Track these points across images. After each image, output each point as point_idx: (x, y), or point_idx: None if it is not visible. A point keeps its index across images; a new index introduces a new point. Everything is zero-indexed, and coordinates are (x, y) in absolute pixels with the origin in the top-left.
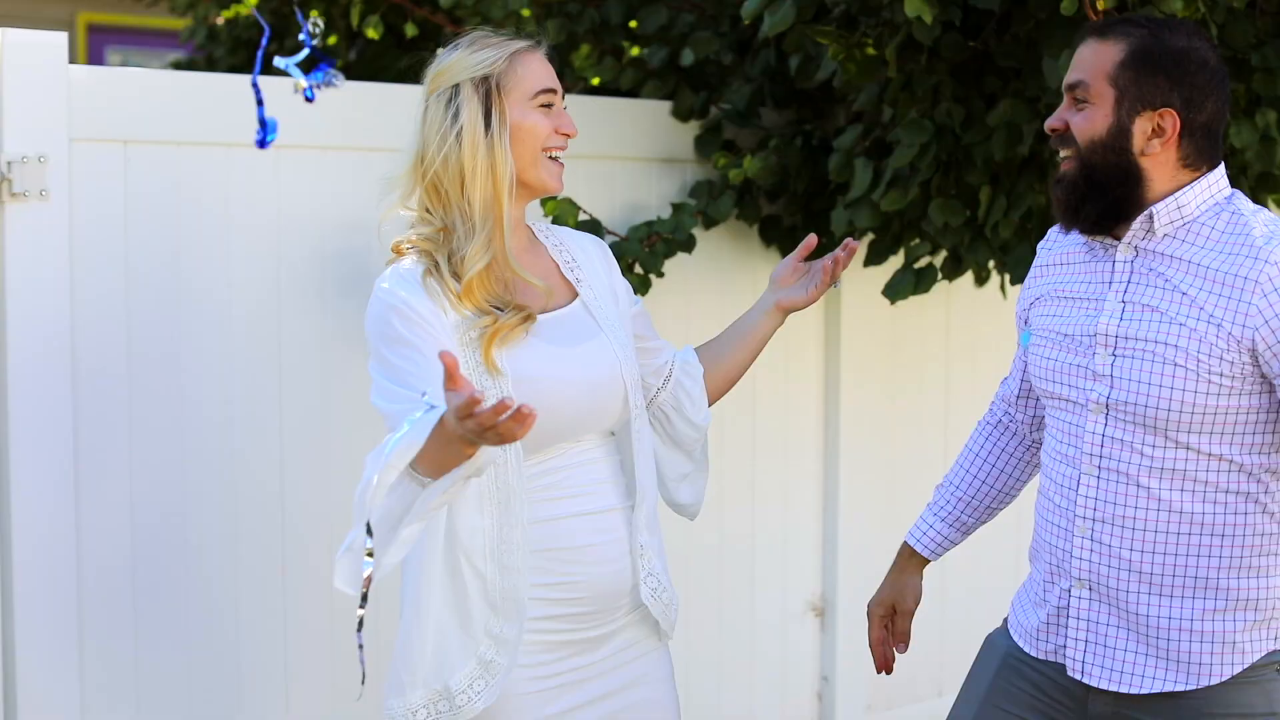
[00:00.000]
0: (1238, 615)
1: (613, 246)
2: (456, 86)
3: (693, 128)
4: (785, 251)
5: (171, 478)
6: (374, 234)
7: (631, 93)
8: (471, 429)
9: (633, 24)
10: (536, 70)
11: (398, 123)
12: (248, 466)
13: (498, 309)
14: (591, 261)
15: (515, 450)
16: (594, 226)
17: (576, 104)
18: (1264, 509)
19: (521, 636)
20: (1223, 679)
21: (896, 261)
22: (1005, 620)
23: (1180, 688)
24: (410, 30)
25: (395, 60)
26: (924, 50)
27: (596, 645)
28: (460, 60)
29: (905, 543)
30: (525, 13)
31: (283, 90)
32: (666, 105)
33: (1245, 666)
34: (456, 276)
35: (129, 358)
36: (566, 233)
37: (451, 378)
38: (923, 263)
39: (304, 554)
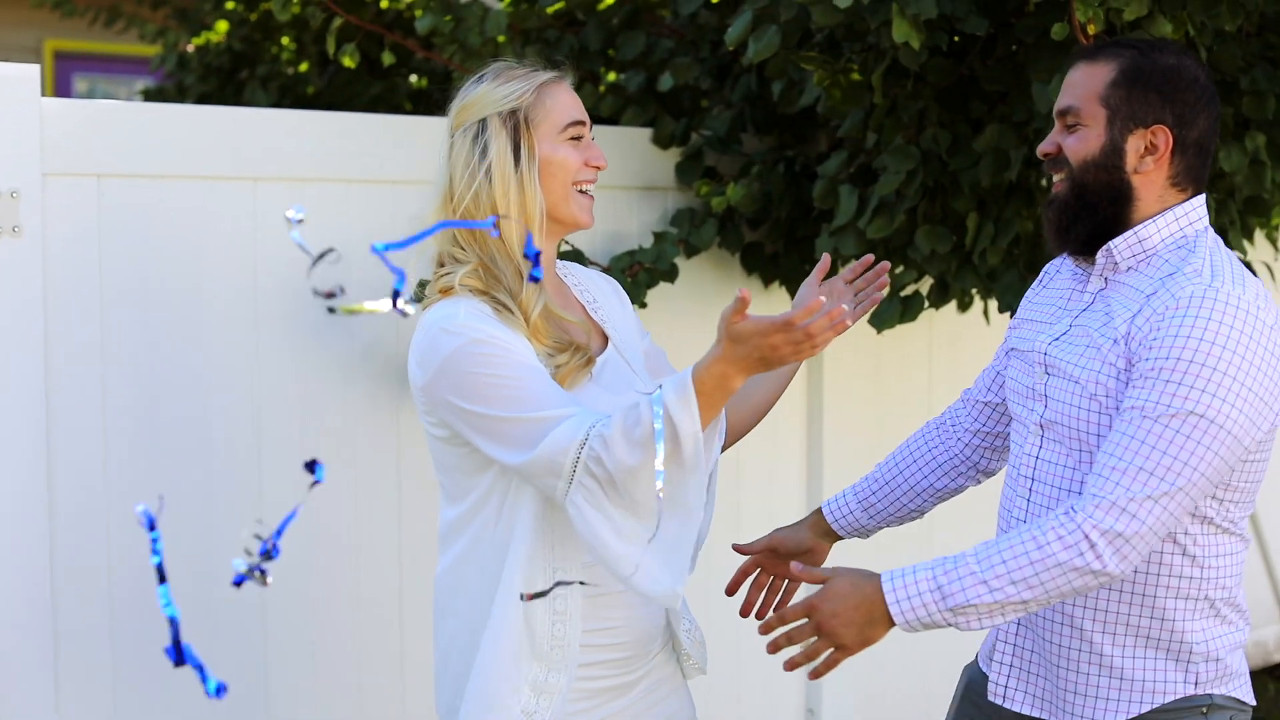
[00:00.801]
0: (1147, 654)
1: None
2: (484, 121)
3: (673, 155)
4: (768, 280)
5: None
6: (352, 267)
7: (611, 120)
8: (794, 339)
9: (611, 51)
10: (565, 102)
11: (376, 153)
12: (225, 504)
13: (558, 350)
14: (610, 302)
15: None
16: (576, 257)
17: None
18: (1183, 550)
19: (570, 685)
20: (1126, 715)
21: None
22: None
23: None
24: (387, 58)
25: (367, 88)
26: (910, 75)
27: (628, 689)
28: (486, 93)
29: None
30: (501, 39)
31: (254, 119)
32: (647, 132)
33: (1152, 707)
34: (523, 316)
35: (104, 394)
36: (583, 272)
37: (742, 309)
38: (909, 290)
39: (288, 593)
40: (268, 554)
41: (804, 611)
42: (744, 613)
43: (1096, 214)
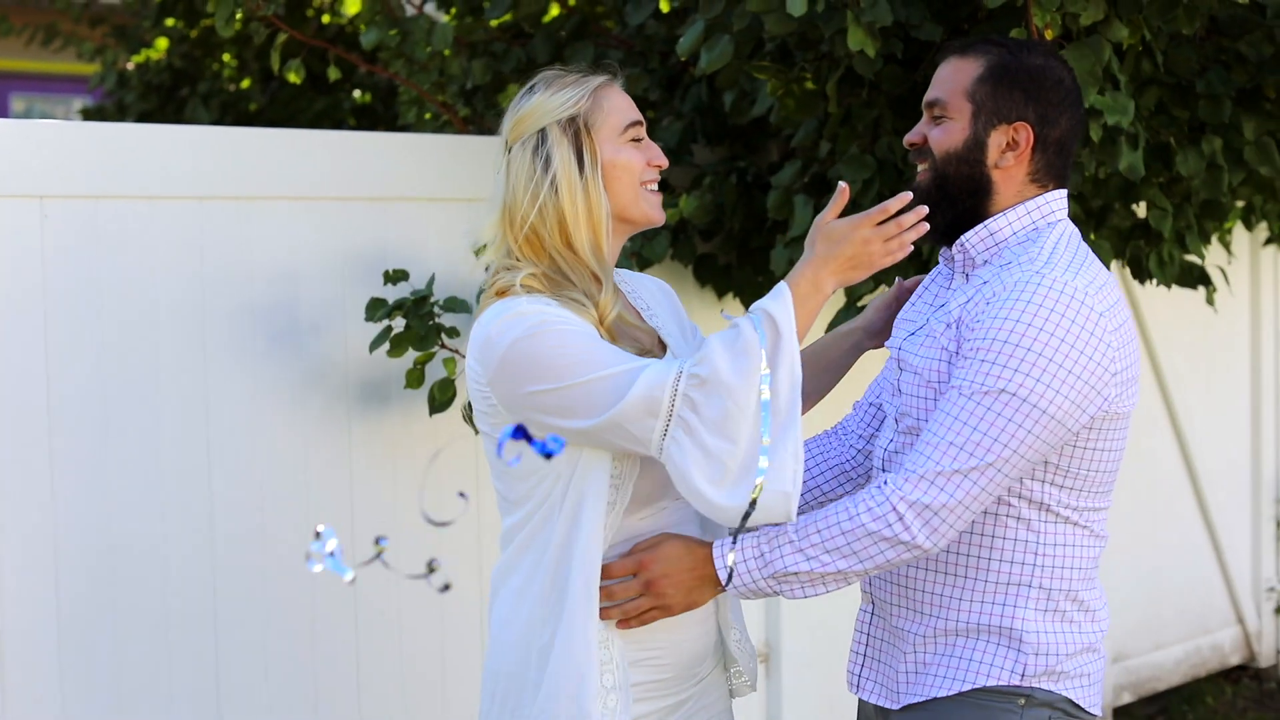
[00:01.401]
0: (979, 638)
1: None
2: (543, 131)
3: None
4: (721, 292)
5: (95, 543)
6: (303, 286)
7: None
8: (885, 233)
9: (559, 64)
10: (621, 104)
11: (326, 170)
12: (176, 531)
13: (638, 355)
14: (661, 307)
15: (622, 505)
16: None
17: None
18: (1015, 536)
19: (626, 708)
20: (948, 693)
21: (839, 299)
22: None
23: (917, 699)
24: (333, 74)
25: (310, 104)
26: (864, 84)
27: (670, 712)
28: (542, 103)
29: None
30: (447, 52)
31: (200, 137)
32: None
33: (971, 687)
34: (598, 316)
35: (50, 417)
36: (633, 276)
37: (840, 204)
38: (865, 300)
39: (239, 625)
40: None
41: (633, 568)
42: None
43: (956, 205)
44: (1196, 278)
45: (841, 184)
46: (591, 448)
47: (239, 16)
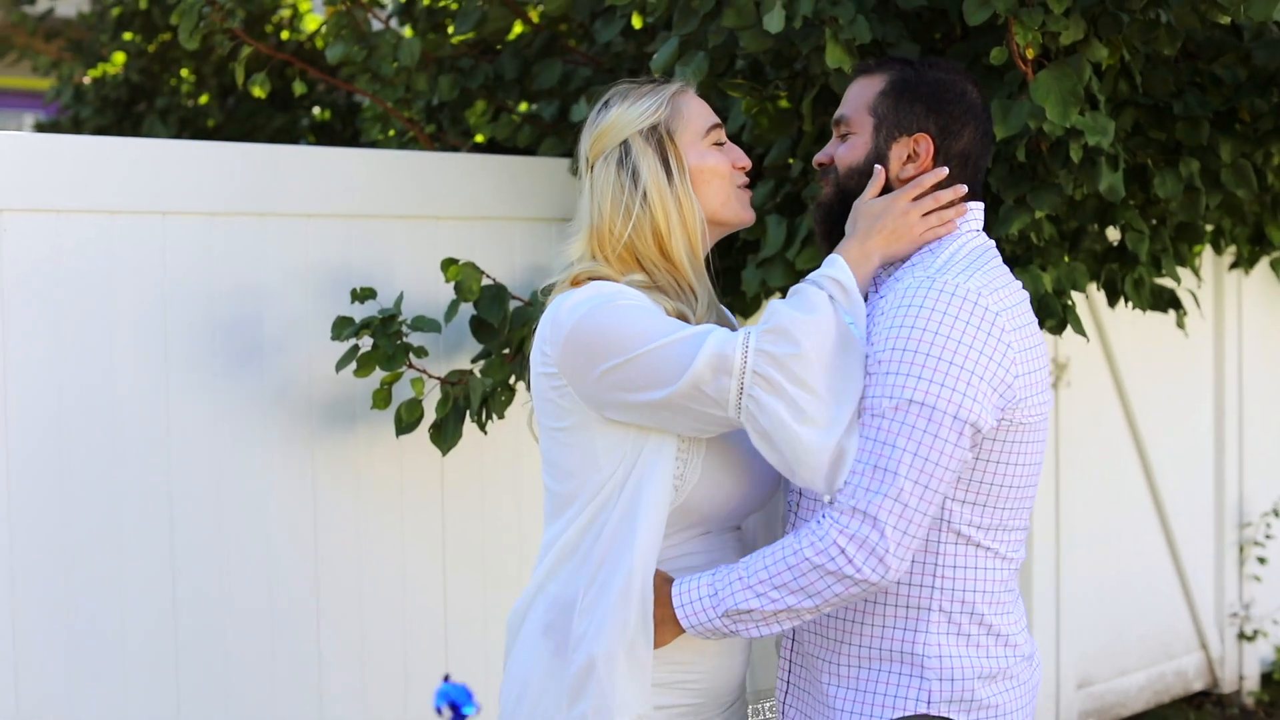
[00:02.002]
0: (882, 665)
1: (517, 312)
2: (625, 143)
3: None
4: None
5: (55, 567)
6: (267, 303)
7: (528, 150)
8: (922, 206)
9: (527, 81)
10: (699, 109)
11: (290, 186)
12: (134, 553)
13: None
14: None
15: (707, 523)
16: (498, 291)
17: (471, 163)
18: (918, 561)
19: None
20: None
21: None
22: None
23: None
24: (299, 88)
25: (269, 120)
26: (839, 102)
27: None
28: (621, 115)
29: None
30: (414, 68)
31: (162, 151)
32: (565, 162)
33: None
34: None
35: (6, 435)
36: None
37: (878, 186)
38: None
39: (199, 648)
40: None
41: None
42: None
43: None
44: (1167, 301)
45: (878, 166)
46: (660, 434)
47: (202, 27)
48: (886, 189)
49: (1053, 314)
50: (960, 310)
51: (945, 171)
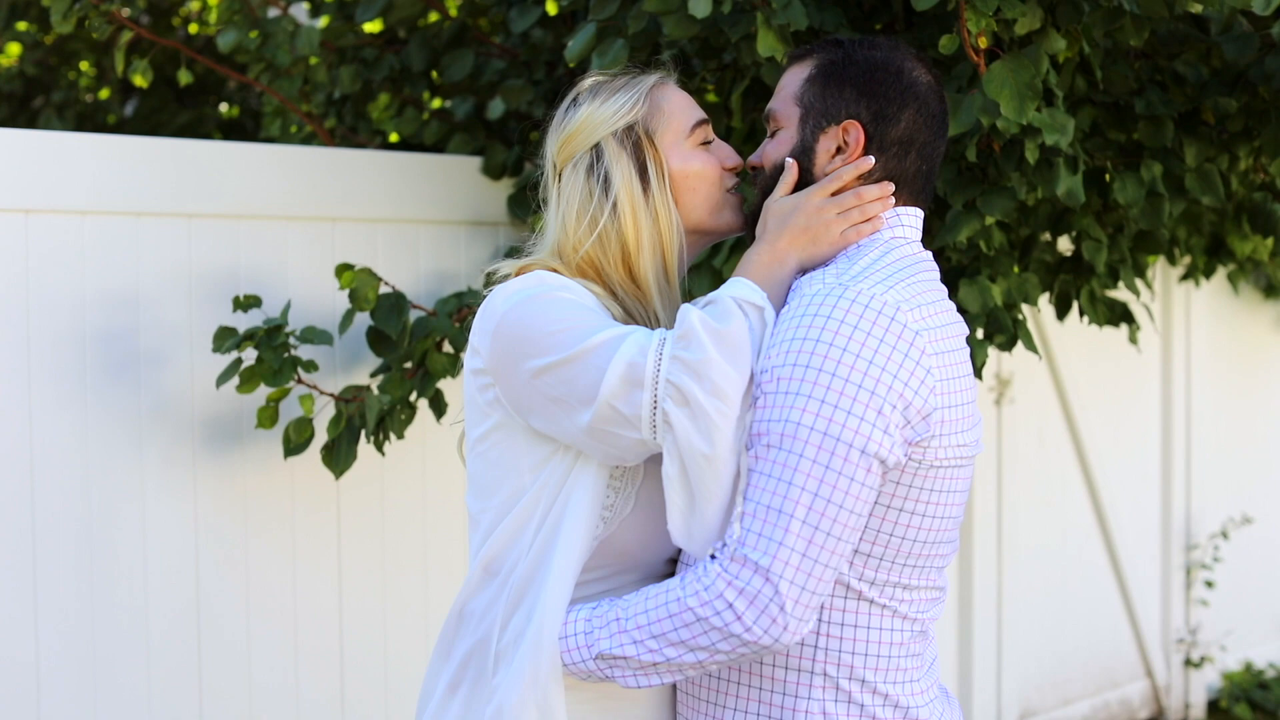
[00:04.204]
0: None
1: (419, 323)
2: (597, 146)
3: (505, 186)
4: None
5: None
6: (143, 311)
7: (436, 148)
8: (842, 204)
9: (435, 74)
10: (682, 103)
11: (170, 182)
12: None
13: None
14: None
15: (639, 567)
16: (397, 300)
17: (373, 160)
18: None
19: None
20: None
21: None
22: None
23: None
24: (184, 78)
25: (174, 117)
26: (771, 95)
27: None
28: (592, 114)
29: None
30: (314, 60)
31: (25, 143)
32: (476, 161)
33: None
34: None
35: None
36: None
37: (790, 183)
38: None
39: (65, 690)
40: None
41: None
42: None
43: None
44: (1119, 315)
45: (789, 160)
46: (585, 462)
47: (76, 10)
48: (808, 182)
49: (1003, 329)
50: (874, 325)
51: (870, 162)
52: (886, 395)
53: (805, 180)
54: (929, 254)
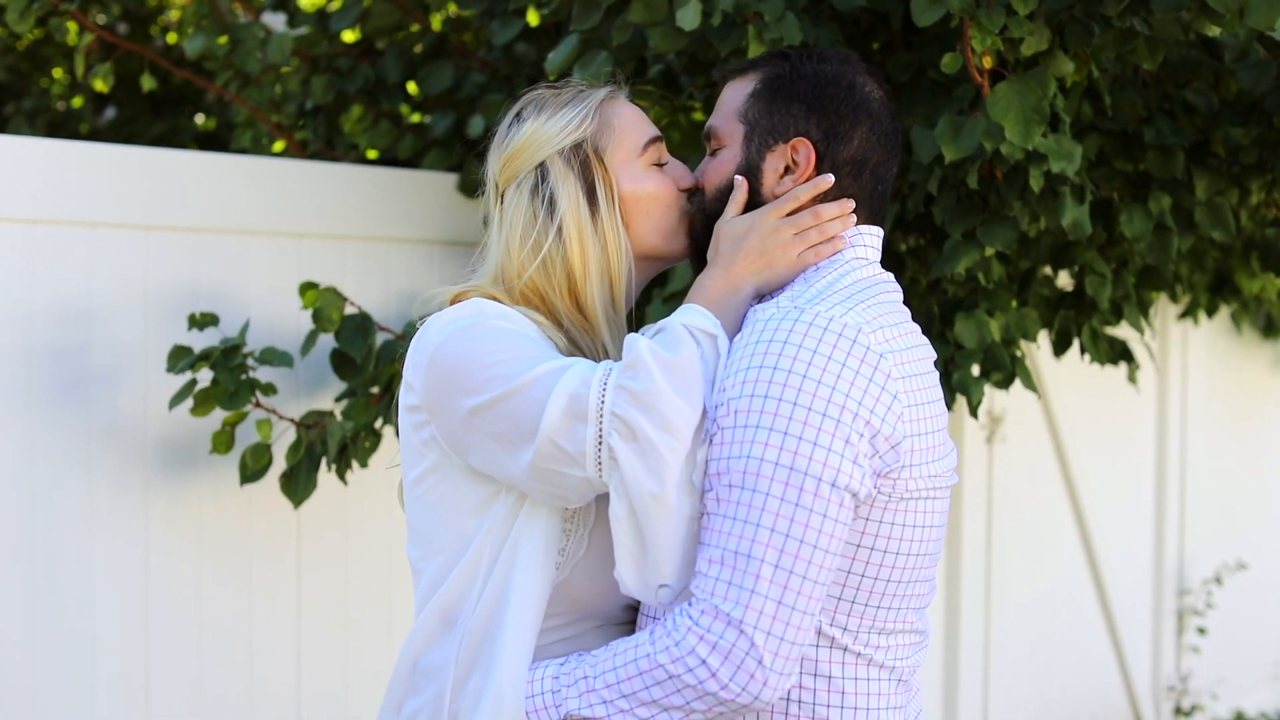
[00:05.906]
0: None
1: (387, 345)
2: (542, 165)
3: (482, 205)
4: None
5: None
6: (95, 327)
7: (411, 163)
8: (799, 223)
9: (411, 86)
10: (634, 120)
11: (126, 192)
12: None
13: None
14: None
15: (599, 615)
16: (362, 320)
17: (343, 174)
18: None
19: None
20: None
21: None
22: None
23: None
24: (147, 83)
25: (148, 127)
26: None
27: None
28: (537, 131)
29: None
30: (286, 69)
31: None
32: (452, 178)
33: None
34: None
35: None
36: None
37: (740, 204)
38: None
39: (17, 698)
40: None
41: None
42: None
43: None
44: (1119, 353)
45: (738, 178)
46: (534, 503)
47: (35, 9)
48: (756, 204)
49: (1000, 366)
50: (834, 348)
51: (829, 180)
52: (852, 423)
53: (754, 201)
54: (890, 275)
